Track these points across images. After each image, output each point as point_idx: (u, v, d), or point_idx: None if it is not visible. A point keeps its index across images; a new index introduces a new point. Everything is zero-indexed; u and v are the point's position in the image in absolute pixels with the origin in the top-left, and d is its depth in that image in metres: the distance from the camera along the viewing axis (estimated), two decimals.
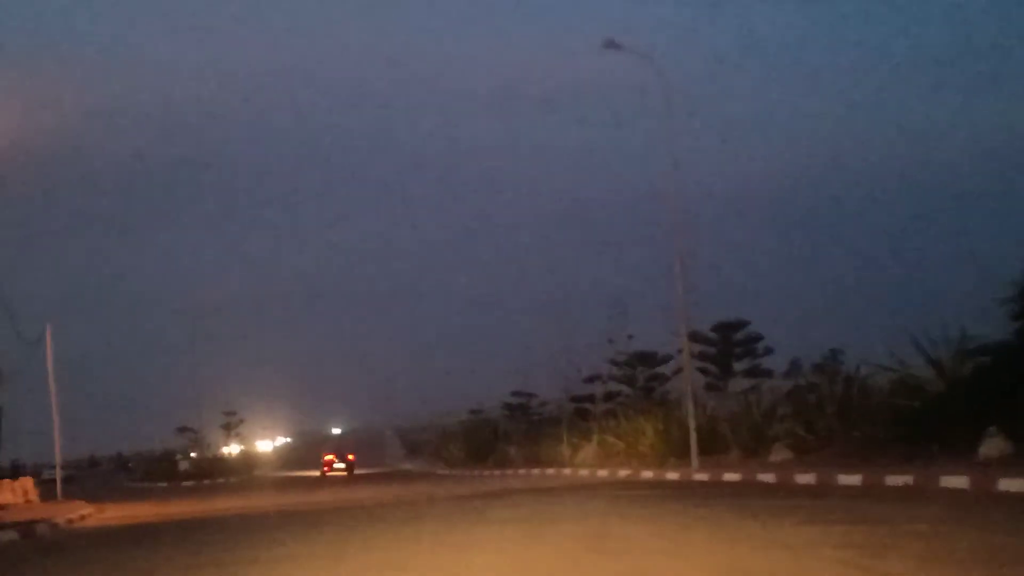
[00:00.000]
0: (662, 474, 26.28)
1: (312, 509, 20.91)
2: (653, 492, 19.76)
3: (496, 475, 39.64)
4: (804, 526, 11.77)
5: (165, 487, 50.89)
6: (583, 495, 20.12)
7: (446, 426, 67.33)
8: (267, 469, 78.98)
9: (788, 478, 20.77)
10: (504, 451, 47.50)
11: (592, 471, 31.06)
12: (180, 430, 71.00)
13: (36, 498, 31.28)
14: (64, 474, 78.93)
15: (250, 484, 46.33)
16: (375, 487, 34.21)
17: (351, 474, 56.81)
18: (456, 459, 54.43)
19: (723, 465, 26.20)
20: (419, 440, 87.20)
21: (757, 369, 31.90)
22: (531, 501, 19.20)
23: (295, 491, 34.67)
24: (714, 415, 30.44)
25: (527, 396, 50.07)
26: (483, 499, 21.02)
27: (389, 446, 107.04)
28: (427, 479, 41.97)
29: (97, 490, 51.43)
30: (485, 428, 54.34)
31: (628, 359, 34.65)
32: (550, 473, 34.36)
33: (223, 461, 63.08)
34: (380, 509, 19.80)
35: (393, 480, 42.55)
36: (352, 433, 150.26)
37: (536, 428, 48.53)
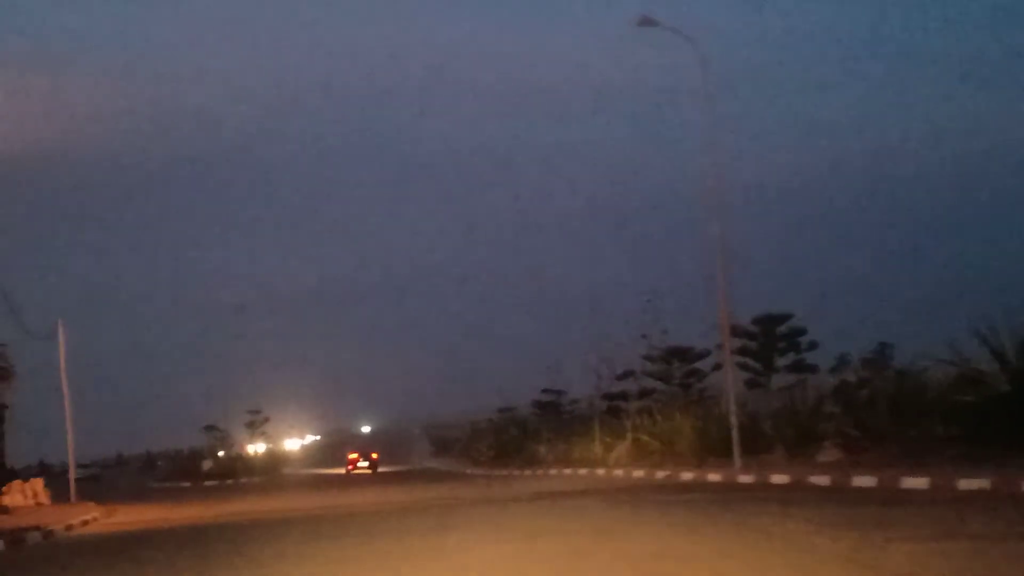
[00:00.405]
0: (703, 475, 24.68)
1: (329, 514, 19.51)
2: (699, 497, 18.10)
3: (526, 475, 38.14)
4: (902, 544, 9.78)
5: (187, 487, 49.78)
6: (625, 500, 18.47)
7: (475, 424, 65.84)
8: (294, 467, 78.38)
9: (843, 480, 19.14)
10: (534, 450, 46.03)
11: (627, 471, 29.50)
12: (207, 428, 69.99)
13: (47, 500, 30.14)
14: (89, 473, 78.46)
15: (272, 484, 45.08)
16: (400, 488, 32.80)
17: (375, 472, 57.46)
18: (485, 458, 52.98)
19: (768, 465, 24.58)
20: (447, 438, 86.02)
21: (801, 364, 30.16)
22: (570, 507, 17.60)
23: (316, 492, 33.32)
24: (755, 413, 28.82)
25: (557, 393, 48.52)
26: (516, 503, 19.50)
27: (417, 444, 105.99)
28: (455, 479, 40.52)
29: (117, 490, 50.41)
30: (514, 426, 52.86)
31: (663, 354, 33.03)
32: (582, 474, 32.83)
33: (247, 460, 61.94)
34: (403, 515, 18.33)
35: (419, 480, 41.15)
36: (381, 431, 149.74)
37: (566, 426, 47.04)
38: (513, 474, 40.21)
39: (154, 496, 38.90)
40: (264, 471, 59.20)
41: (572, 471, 34.45)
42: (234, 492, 38.47)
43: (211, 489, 43.54)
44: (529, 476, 37.11)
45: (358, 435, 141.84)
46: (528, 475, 38.00)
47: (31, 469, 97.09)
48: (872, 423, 23.82)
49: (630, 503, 17.51)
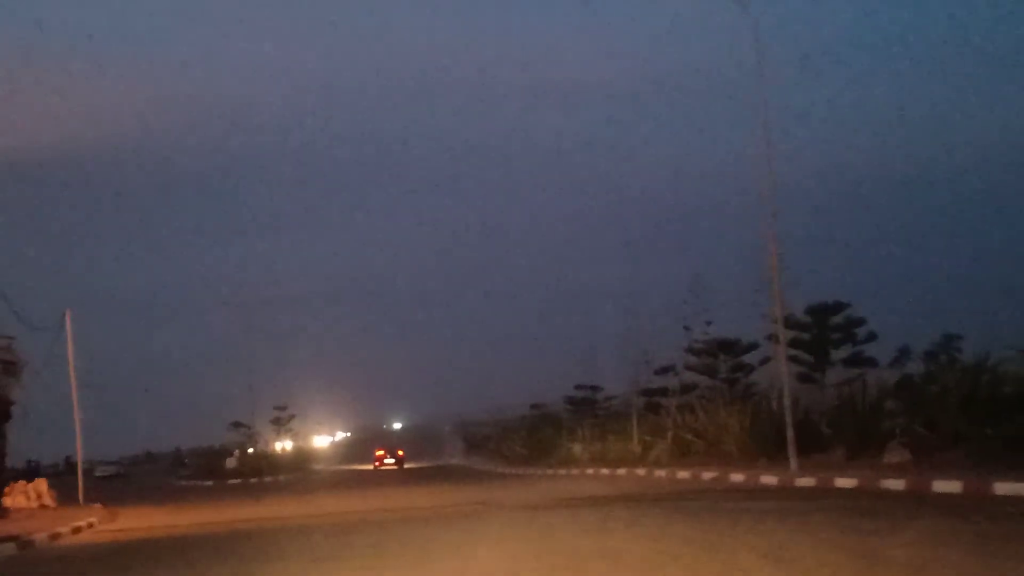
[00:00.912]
0: (755, 477, 22.55)
1: (344, 522, 17.59)
2: (764, 504, 15.87)
3: (561, 475, 36.13)
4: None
5: (210, 486, 48.19)
6: (674, 507, 16.24)
7: (506, 422, 63.88)
8: (323, 464, 77.04)
9: (922, 485, 16.99)
10: (568, 449, 44.03)
11: (670, 472, 27.42)
12: (234, 425, 68.23)
13: (51, 501, 28.50)
14: (115, 470, 77.43)
15: (296, 484, 43.34)
16: (427, 488, 30.91)
17: (401, 468, 58.87)
18: (517, 456, 50.98)
19: (827, 467, 22.43)
20: (478, 436, 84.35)
21: (858, 358, 27.88)
22: (620, 518, 15.26)
23: (338, 493, 31.45)
24: (808, 409, 26.68)
25: (592, 390, 46.37)
26: (555, 510, 17.42)
27: (448, 442, 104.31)
28: (486, 478, 38.58)
29: (136, 490, 48.92)
30: (547, 424, 50.80)
31: (708, 347, 30.86)
32: (621, 474, 30.76)
33: (273, 458, 60.35)
34: (425, 525, 16.35)
35: (448, 479, 39.24)
36: (412, 428, 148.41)
37: (602, 424, 44.95)
38: (547, 474, 38.22)
39: (171, 496, 37.25)
40: (290, 469, 57.57)
41: (610, 471, 32.40)
42: (255, 492, 36.74)
43: (232, 489, 41.86)
44: (564, 476, 35.08)
45: (389, 432, 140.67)
46: (563, 475, 35.99)
47: (57, 467, 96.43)
48: (943, 421, 21.61)
49: (690, 512, 15.11)
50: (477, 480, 36.39)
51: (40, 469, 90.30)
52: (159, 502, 31.56)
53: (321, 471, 63.59)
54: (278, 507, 23.89)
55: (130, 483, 60.52)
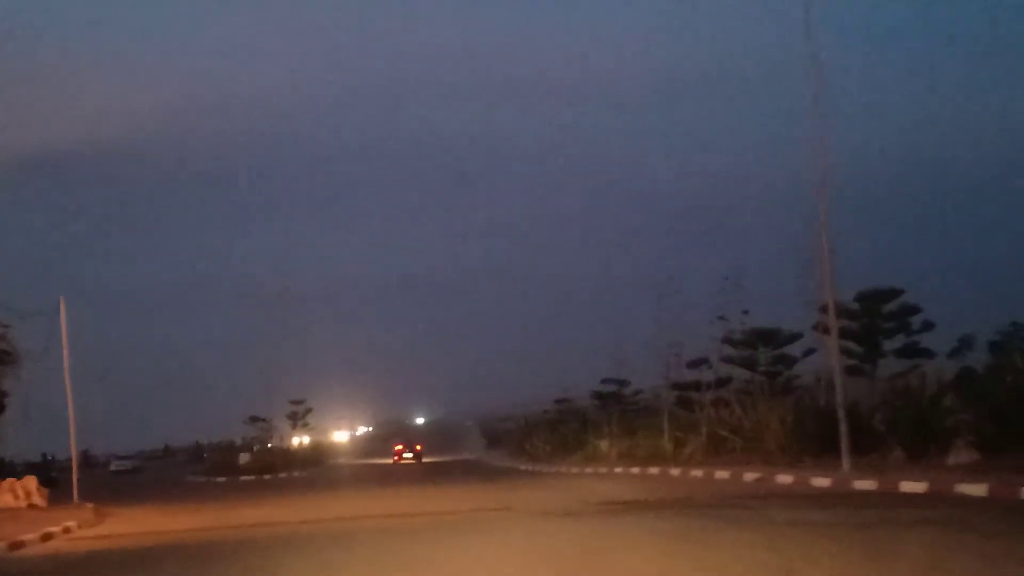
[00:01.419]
0: (805, 479, 20.40)
1: (348, 531, 15.61)
2: (837, 513, 13.65)
3: (588, 474, 34.06)
4: None
5: (221, 483, 46.40)
6: (734, 518, 13.99)
7: (529, 417, 61.82)
8: (342, 459, 75.48)
9: (1006, 491, 14.83)
10: (594, 445, 41.96)
11: (706, 472, 25.29)
12: (251, 420, 66.41)
13: (41, 500, 26.66)
14: (130, 465, 76.09)
15: (308, 481, 41.50)
16: (445, 488, 28.95)
17: (420, 462, 59.74)
18: (540, 453, 48.94)
19: (883, 468, 20.27)
20: (500, 431, 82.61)
21: (912, 348, 25.63)
22: (668, 528, 13.04)
23: (351, 491, 29.49)
24: (858, 404, 24.48)
25: (619, 383, 44.23)
26: (587, 519, 15.32)
27: (469, 437, 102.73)
28: (508, 476, 36.57)
29: (145, 486, 47.20)
30: (572, 419, 48.77)
31: (747, 337, 28.70)
32: (654, 473, 28.66)
33: (287, 453, 58.55)
34: (437, 535, 14.35)
35: (468, 476, 37.25)
36: (434, 423, 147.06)
37: (630, 419, 42.87)
38: (572, 472, 36.17)
39: (177, 494, 35.42)
40: (307, 464, 55.76)
41: (640, 470, 30.31)
42: (266, 490, 34.89)
43: (243, 486, 40.04)
44: (591, 475, 33.01)
45: (410, 427, 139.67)
46: (590, 474, 33.92)
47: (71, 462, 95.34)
48: (1016, 418, 19.39)
49: (753, 524, 12.87)
50: (498, 478, 34.39)
51: (55, 463, 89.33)
52: (161, 501, 29.72)
53: (338, 466, 61.78)
54: (281, 509, 21.91)
55: (143, 479, 58.95)
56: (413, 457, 63.20)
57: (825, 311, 25.17)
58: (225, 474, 50.18)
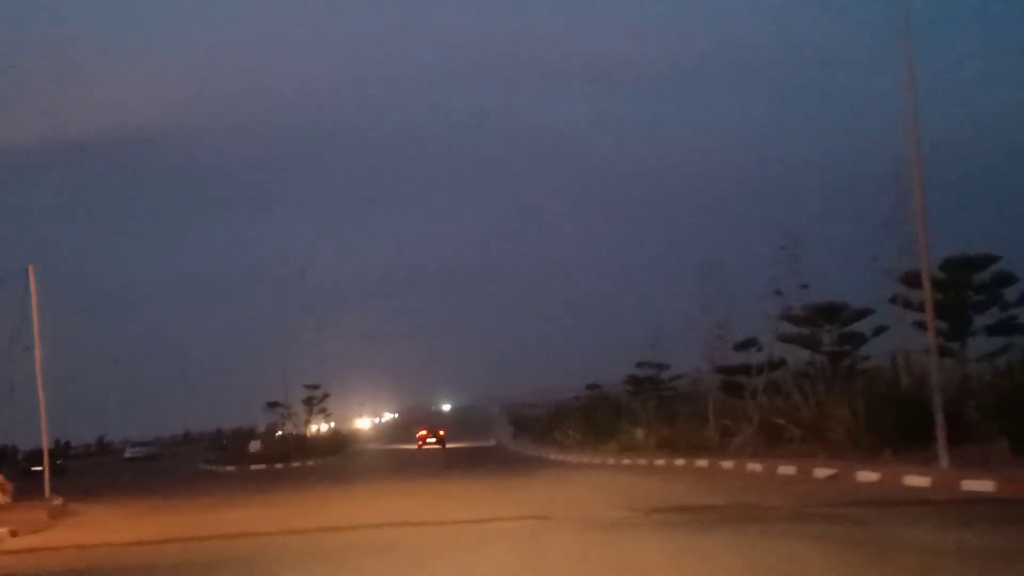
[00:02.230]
0: (895, 478, 17.13)
1: (345, 548, 12.53)
2: (994, 537, 10.26)
3: (625, 465, 30.91)
4: None
5: (230, 472, 43.56)
6: (846, 535, 10.64)
7: (558, 403, 58.52)
8: (363, 445, 73.17)
9: None
10: (629, 433, 38.79)
11: (767, 466, 22.05)
12: (269, 405, 63.36)
13: (5, 496, 23.73)
14: (144, 452, 73.37)
15: (319, 471, 38.52)
16: (469, 482, 25.91)
17: (443, 447, 60.34)
18: (570, 441, 45.81)
19: (985, 463, 16.97)
20: (527, 417, 79.80)
21: (1008, 324, 22.22)
22: (769, 559, 9.43)
23: (362, 487, 26.39)
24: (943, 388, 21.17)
25: (657, 367, 40.84)
26: (652, 534, 11.83)
27: (495, 423, 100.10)
28: (537, 467, 33.50)
29: (148, 476, 44.42)
30: (604, 405, 45.49)
31: (808, 314, 25.34)
32: (702, 466, 25.45)
33: (302, 441, 55.59)
34: (457, 561, 11.16)
35: (495, 467, 34.17)
36: (460, 410, 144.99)
37: (668, 406, 39.61)
38: (608, 463, 33.03)
39: (176, 486, 32.47)
40: (324, 452, 52.75)
41: (685, 462, 27.08)
42: (269, 483, 31.91)
43: (248, 477, 37.10)
44: (629, 468, 29.83)
45: (436, 413, 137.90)
46: (627, 466, 30.75)
47: (89, 447, 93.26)
48: None
49: (878, 547, 9.55)
50: (527, 470, 31.27)
51: (69, 449, 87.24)
52: (147, 495, 26.81)
53: (358, 454, 58.85)
54: (269, 512, 18.68)
55: (153, 467, 56.29)
56: (437, 442, 63.92)
57: (907, 282, 21.88)
58: (236, 462, 47.29)
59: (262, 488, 27.81)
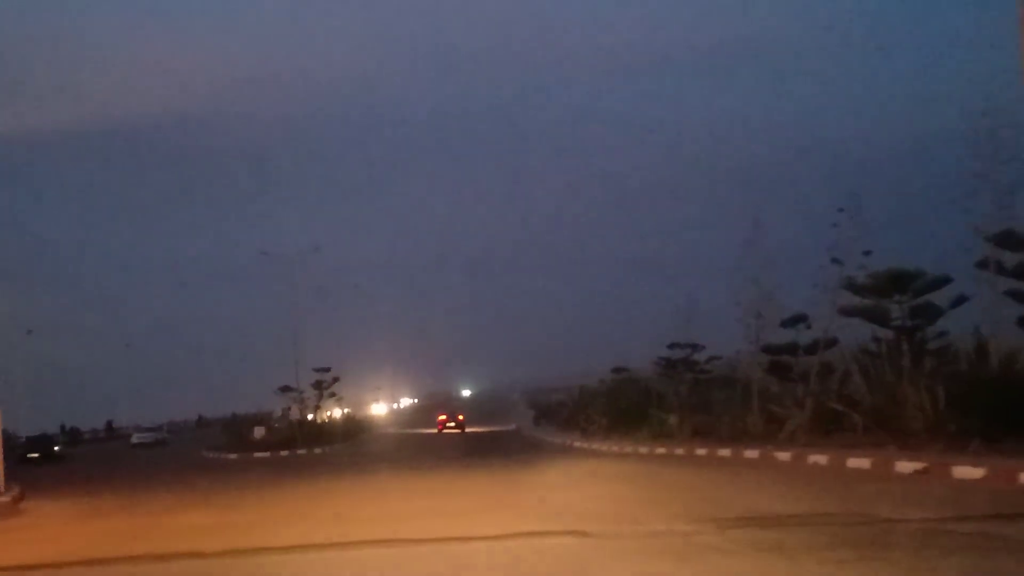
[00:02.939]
0: (1008, 474, 13.90)
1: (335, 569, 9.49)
2: None
3: (659, 455, 27.83)
4: None
5: (231, 460, 40.73)
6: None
7: (583, 388, 55.26)
8: (379, 431, 70.85)
9: None
10: (661, 420, 35.72)
11: (834, 458, 18.85)
12: (282, 390, 60.40)
13: None
14: (152, 438, 70.75)
15: (327, 459, 35.61)
16: (490, 477, 22.88)
17: (463, 432, 62.14)
18: (596, 428, 42.69)
19: None
20: (548, 403, 76.88)
21: None
22: None
23: (365, 482, 23.35)
24: None
25: (691, 348, 37.60)
26: (765, 569, 8.46)
27: (515, 409, 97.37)
28: (562, 456, 30.52)
29: (140, 463, 41.68)
30: (633, 389, 42.35)
31: (876, 283, 22.07)
32: (752, 458, 22.29)
33: (313, 426, 52.69)
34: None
35: (517, 456, 31.13)
36: (481, 395, 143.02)
37: (702, 390, 36.43)
38: (639, 452, 29.93)
39: (164, 477, 29.58)
40: (333, 438, 49.84)
41: (731, 452, 23.95)
42: (269, 473, 28.99)
43: (248, 466, 34.20)
44: (665, 458, 26.73)
45: (456, 399, 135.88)
46: (662, 455, 27.67)
47: (97, 432, 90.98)
48: None
49: None
50: (552, 460, 28.22)
51: (80, 434, 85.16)
52: (128, 488, 23.91)
53: (371, 440, 55.96)
54: (249, 514, 15.51)
55: (156, 454, 53.63)
56: (456, 427, 65.94)
57: (1003, 243, 18.65)
58: (240, 450, 44.45)
59: (253, 481, 24.78)
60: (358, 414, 79.42)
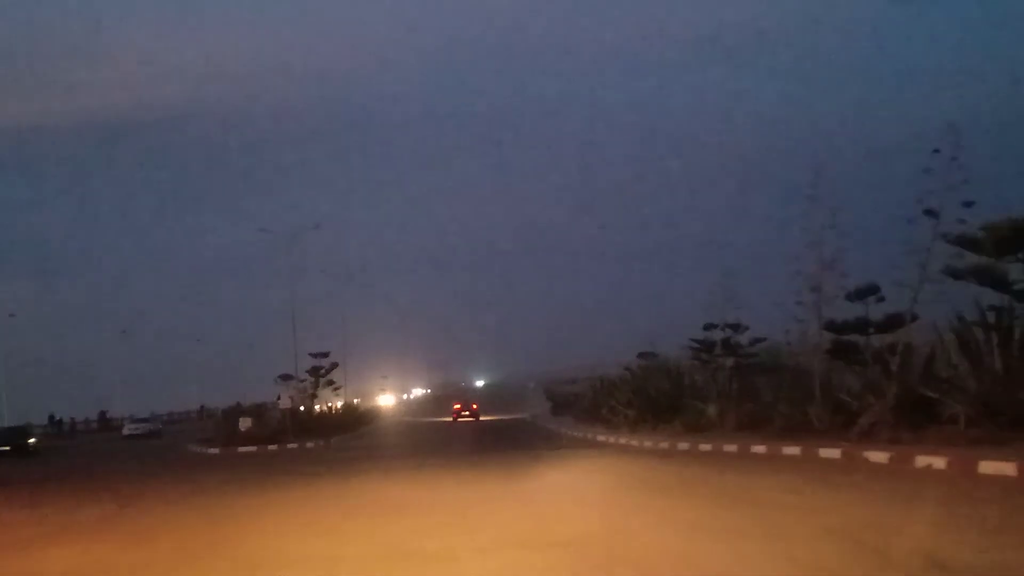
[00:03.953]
0: None
1: None
2: None
3: (705, 453, 23.35)
4: None
5: (213, 455, 36.45)
6: None
7: (604, 377, 50.47)
8: (386, 421, 66.97)
9: None
10: (697, 410, 31.35)
11: (956, 463, 14.35)
12: (282, 378, 55.94)
13: None
14: (145, 429, 66.38)
15: (314, 457, 31.18)
16: (503, 485, 18.52)
17: (477, 420, 64.24)
18: (623, 420, 38.11)
19: None
20: (566, 394, 72.62)
21: None
22: None
23: (359, 488, 18.98)
24: None
25: (732, 328, 33.03)
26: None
27: (530, 399, 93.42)
28: (586, 454, 26.20)
29: (120, 457, 37.51)
30: (663, 376, 37.78)
31: (991, 235, 17.43)
32: (831, 458, 17.83)
33: (309, 417, 48.32)
34: None
35: (542, 455, 26.72)
36: (494, 386, 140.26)
37: (744, 376, 31.91)
38: (677, 448, 25.44)
39: (115, 476, 25.33)
40: (331, 431, 45.37)
41: (799, 450, 19.45)
42: (248, 471, 24.67)
43: (225, 463, 29.84)
44: (713, 455, 22.25)
45: (468, 389, 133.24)
46: (709, 452, 23.18)
47: (90, 423, 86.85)
48: None
49: None
50: (576, 457, 23.86)
51: (74, 425, 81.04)
52: (58, 496, 19.69)
53: (371, 433, 51.37)
54: (166, 542, 11.20)
55: (142, 446, 49.42)
56: (470, 415, 67.80)
57: None
58: (225, 443, 40.20)
59: (213, 486, 20.31)
60: (365, 404, 75.75)
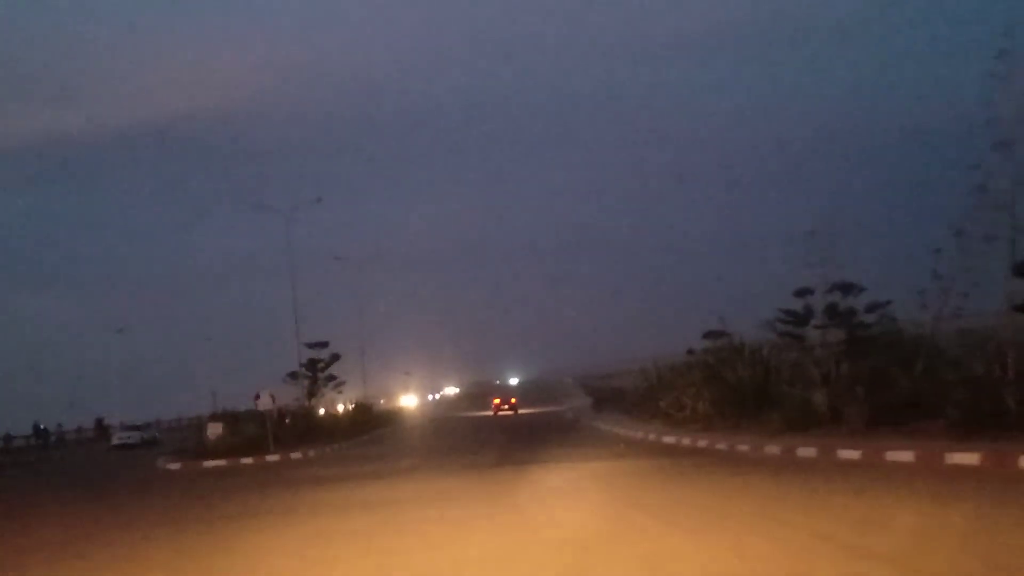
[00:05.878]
0: None
1: None
2: None
3: (848, 461, 15.33)
4: None
5: (173, 471, 28.89)
6: None
7: (658, 369, 42.26)
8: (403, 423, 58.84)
9: None
10: (801, 400, 23.82)
11: None
12: (291, 376, 48.23)
13: None
14: (137, 438, 59.30)
15: (312, 471, 23.22)
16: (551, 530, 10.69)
17: (516, 413, 67.09)
18: (693, 417, 30.14)
19: None
20: (607, 388, 65.70)
21: None
22: None
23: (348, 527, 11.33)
24: None
25: (842, 290, 25.00)
26: None
27: (568, 394, 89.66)
28: (660, 464, 18.31)
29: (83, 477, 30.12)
30: (741, 360, 29.73)
31: None
32: None
33: (306, 420, 40.59)
34: None
35: (599, 469, 18.96)
36: (529, 383, 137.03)
37: (858, 354, 23.88)
38: (798, 457, 17.47)
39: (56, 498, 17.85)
40: (329, 437, 37.58)
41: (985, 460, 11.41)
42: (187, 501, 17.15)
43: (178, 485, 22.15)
44: (877, 469, 14.26)
45: (502, 387, 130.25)
46: (852, 461, 15.17)
47: (85, 431, 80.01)
48: None
49: None
50: (646, 472, 15.98)
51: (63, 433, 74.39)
52: None
53: (385, 438, 43.35)
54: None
55: (121, 459, 42.25)
56: (509, 409, 70.85)
57: None
58: (192, 455, 32.64)
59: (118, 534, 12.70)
60: (389, 404, 69.84)
